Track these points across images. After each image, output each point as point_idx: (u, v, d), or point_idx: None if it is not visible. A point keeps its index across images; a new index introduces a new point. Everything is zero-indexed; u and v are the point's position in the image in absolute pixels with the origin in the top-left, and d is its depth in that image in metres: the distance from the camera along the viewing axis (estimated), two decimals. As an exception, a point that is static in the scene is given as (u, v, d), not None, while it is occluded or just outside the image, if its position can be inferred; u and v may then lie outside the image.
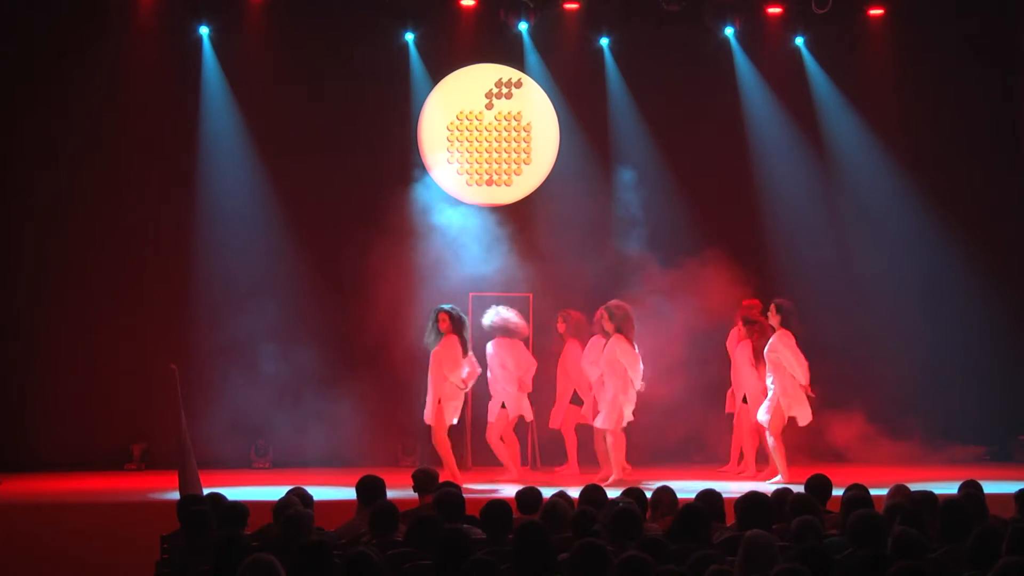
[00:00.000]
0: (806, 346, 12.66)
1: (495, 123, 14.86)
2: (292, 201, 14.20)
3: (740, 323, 13.09)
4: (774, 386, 12.31)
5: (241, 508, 7.69)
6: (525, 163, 14.85)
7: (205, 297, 13.89)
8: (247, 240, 14.04)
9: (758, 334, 12.79)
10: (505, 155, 14.83)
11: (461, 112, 14.79)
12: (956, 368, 14.71)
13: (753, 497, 7.53)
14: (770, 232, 14.82)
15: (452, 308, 12.38)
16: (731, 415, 13.33)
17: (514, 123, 14.88)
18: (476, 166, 14.76)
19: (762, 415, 12.41)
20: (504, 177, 14.80)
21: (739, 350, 13.11)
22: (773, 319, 12.49)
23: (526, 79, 14.87)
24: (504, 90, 14.88)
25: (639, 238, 14.17)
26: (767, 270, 14.63)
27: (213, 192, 14.08)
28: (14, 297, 13.88)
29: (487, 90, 14.86)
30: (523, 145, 14.87)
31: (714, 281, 13.81)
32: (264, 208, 14.12)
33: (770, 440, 12.40)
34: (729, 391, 13.32)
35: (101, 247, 13.98)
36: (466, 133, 14.79)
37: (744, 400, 13.04)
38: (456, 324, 12.27)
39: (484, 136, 14.83)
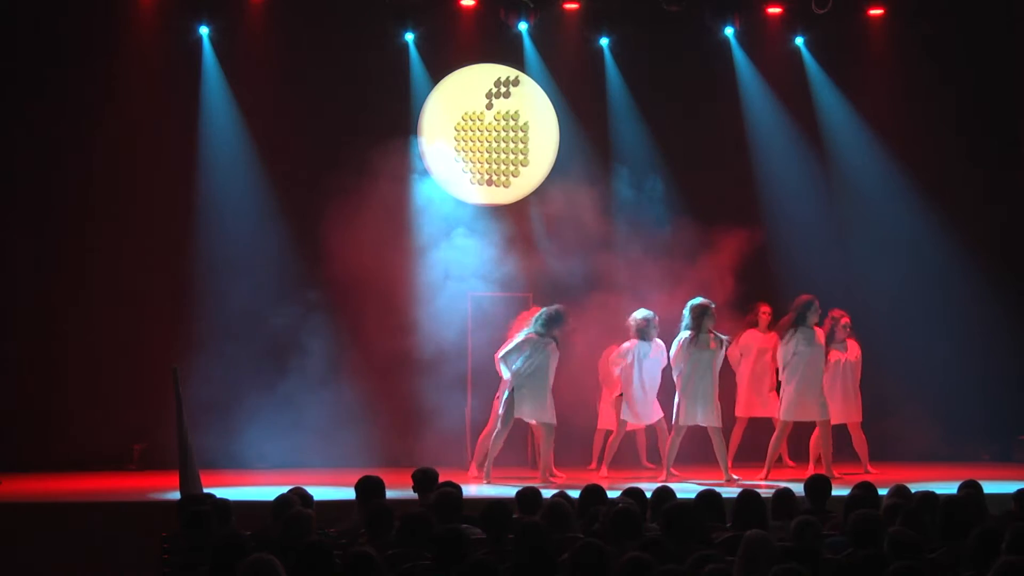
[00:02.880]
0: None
1: (495, 123, 14.86)
2: (291, 201, 14.19)
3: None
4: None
5: (224, 505, 7.72)
6: (525, 163, 14.86)
7: (206, 298, 13.88)
8: (247, 241, 14.03)
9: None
10: (505, 155, 14.83)
11: (461, 112, 14.79)
12: (955, 369, 14.71)
13: (748, 496, 7.54)
14: (770, 232, 14.81)
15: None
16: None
17: (514, 123, 14.89)
18: (476, 166, 14.76)
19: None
20: (504, 177, 14.81)
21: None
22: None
23: (525, 78, 14.88)
24: (503, 89, 14.88)
25: (639, 237, 14.17)
26: (767, 270, 14.63)
27: (213, 192, 14.07)
28: (14, 297, 13.88)
29: (487, 90, 14.87)
30: (523, 145, 14.87)
31: (715, 281, 13.81)
32: (264, 208, 14.12)
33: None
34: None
35: (101, 247, 13.97)
36: (466, 133, 14.79)
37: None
38: None
39: (484, 136, 14.83)
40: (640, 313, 12.92)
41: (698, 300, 12.51)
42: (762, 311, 13.69)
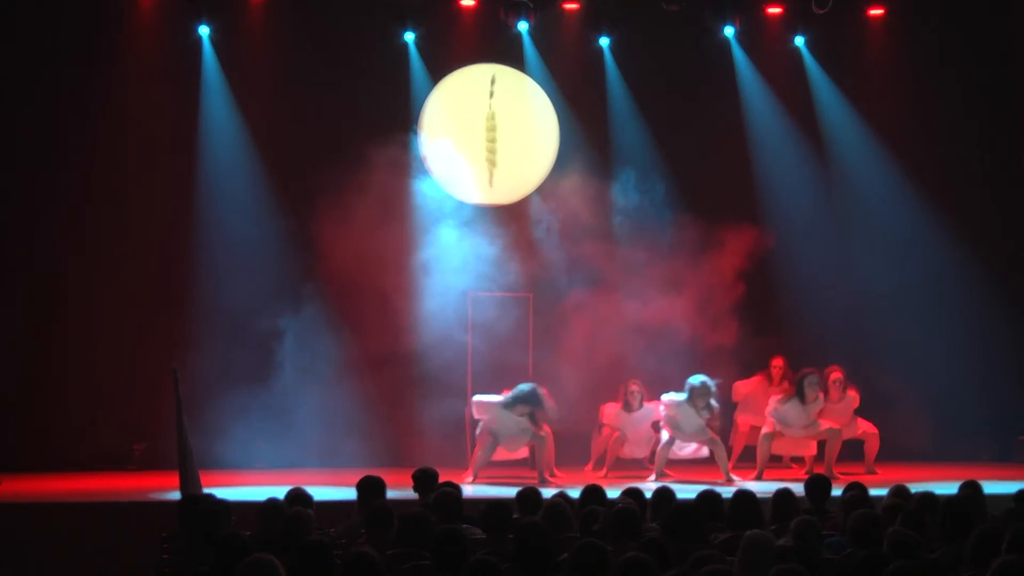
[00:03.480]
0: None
1: (495, 123, 14.85)
2: (291, 200, 14.19)
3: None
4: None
5: (224, 505, 7.71)
6: (525, 163, 14.85)
7: (206, 298, 13.88)
8: (247, 240, 14.03)
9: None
10: (505, 155, 14.82)
11: (461, 112, 14.79)
12: (955, 368, 14.70)
13: (742, 497, 7.55)
14: (770, 231, 14.80)
15: None
16: None
17: (514, 123, 14.88)
18: (476, 165, 14.76)
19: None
20: (504, 177, 14.79)
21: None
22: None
23: (526, 78, 14.87)
24: (503, 88, 14.87)
25: (639, 237, 14.17)
26: (767, 269, 14.63)
27: (213, 193, 14.08)
28: (15, 297, 13.88)
29: (487, 90, 14.86)
30: (523, 145, 14.86)
31: (715, 281, 13.82)
32: (264, 209, 14.11)
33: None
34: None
35: (101, 247, 13.98)
36: (466, 133, 14.78)
37: None
38: None
39: (484, 136, 14.82)
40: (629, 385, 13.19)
41: (698, 381, 12.64)
42: (774, 365, 13.73)
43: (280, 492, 8.32)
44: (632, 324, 13.70)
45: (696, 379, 12.66)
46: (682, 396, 12.70)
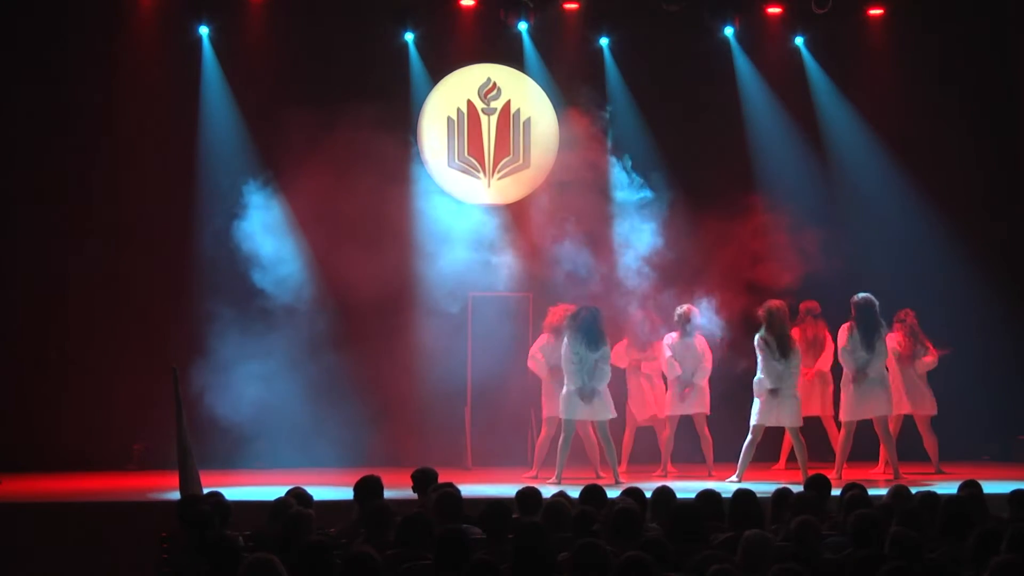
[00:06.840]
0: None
1: (495, 123, 14.86)
2: (291, 201, 14.18)
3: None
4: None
5: (223, 505, 7.72)
6: (525, 162, 14.85)
7: (205, 297, 13.87)
8: (246, 241, 14.01)
9: None
10: (504, 155, 14.83)
11: (461, 112, 14.80)
12: (956, 368, 14.68)
13: (743, 496, 7.55)
14: (769, 231, 14.81)
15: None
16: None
17: (514, 123, 14.89)
18: (476, 166, 14.77)
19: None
20: (504, 177, 14.80)
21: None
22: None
23: (525, 78, 14.88)
24: (502, 88, 14.87)
25: (638, 236, 14.16)
26: (766, 268, 14.62)
27: (213, 192, 14.08)
28: (14, 297, 13.88)
29: (486, 90, 14.87)
30: (523, 145, 14.87)
31: (714, 279, 13.83)
32: (262, 208, 14.10)
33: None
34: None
35: (101, 246, 13.98)
36: (466, 133, 14.79)
37: None
38: None
39: (484, 136, 14.83)
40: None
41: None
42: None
43: (280, 492, 8.32)
44: (630, 321, 13.69)
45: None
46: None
